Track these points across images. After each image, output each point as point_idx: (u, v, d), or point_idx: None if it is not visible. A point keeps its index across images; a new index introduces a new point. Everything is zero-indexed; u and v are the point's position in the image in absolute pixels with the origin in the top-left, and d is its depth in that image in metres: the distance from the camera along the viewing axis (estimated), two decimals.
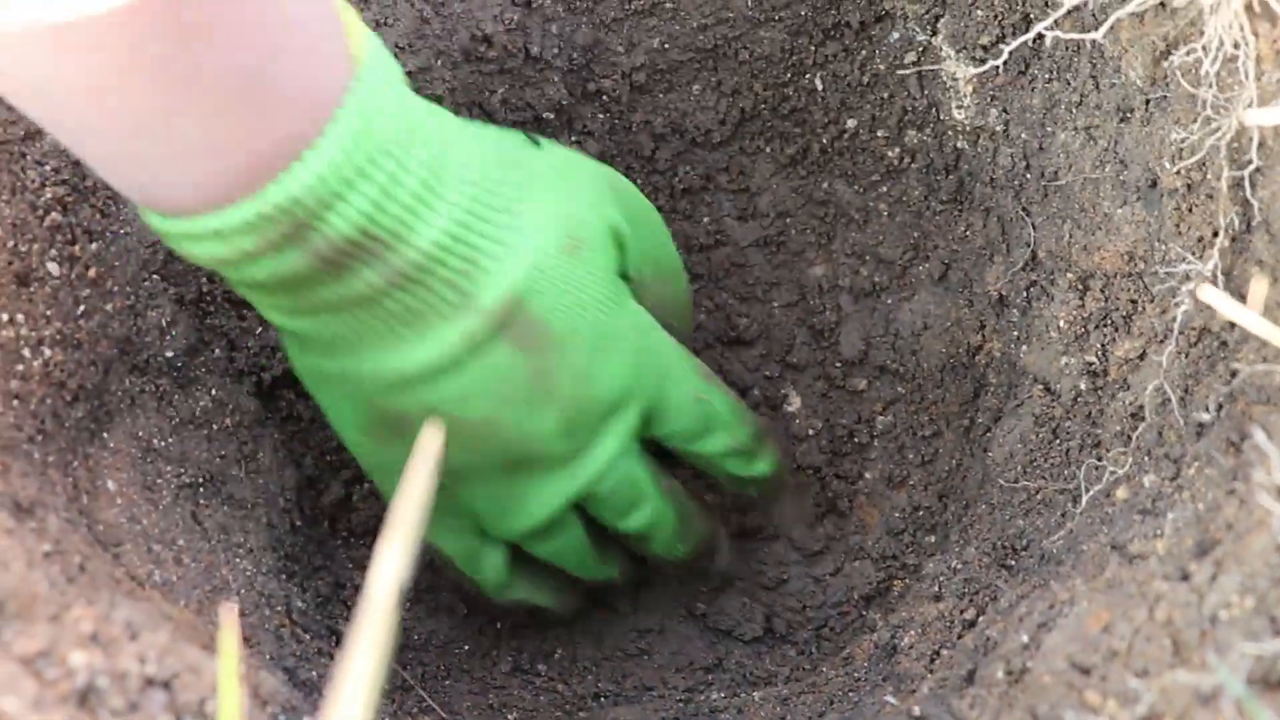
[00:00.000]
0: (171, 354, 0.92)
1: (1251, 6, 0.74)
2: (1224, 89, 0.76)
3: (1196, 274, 0.78)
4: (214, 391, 0.95)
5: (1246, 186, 0.75)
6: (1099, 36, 0.83)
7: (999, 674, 0.72)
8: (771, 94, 1.08)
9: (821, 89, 1.07)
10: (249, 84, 0.68)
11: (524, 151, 0.87)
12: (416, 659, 1.01)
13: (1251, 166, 0.74)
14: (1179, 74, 0.80)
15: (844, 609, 1.06)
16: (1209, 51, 0.76)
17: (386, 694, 0.95)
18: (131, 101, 0.67)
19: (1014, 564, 0.88)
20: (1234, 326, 0.75)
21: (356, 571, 1.03)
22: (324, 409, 0.90)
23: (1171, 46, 0.81)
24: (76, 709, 0.58)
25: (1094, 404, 0.89)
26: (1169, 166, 0.82)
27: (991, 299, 1.02)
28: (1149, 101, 0.84)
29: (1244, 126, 0.74)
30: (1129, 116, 0.86)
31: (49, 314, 0.83)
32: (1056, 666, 0.67)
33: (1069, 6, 0.86)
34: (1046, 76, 0.93)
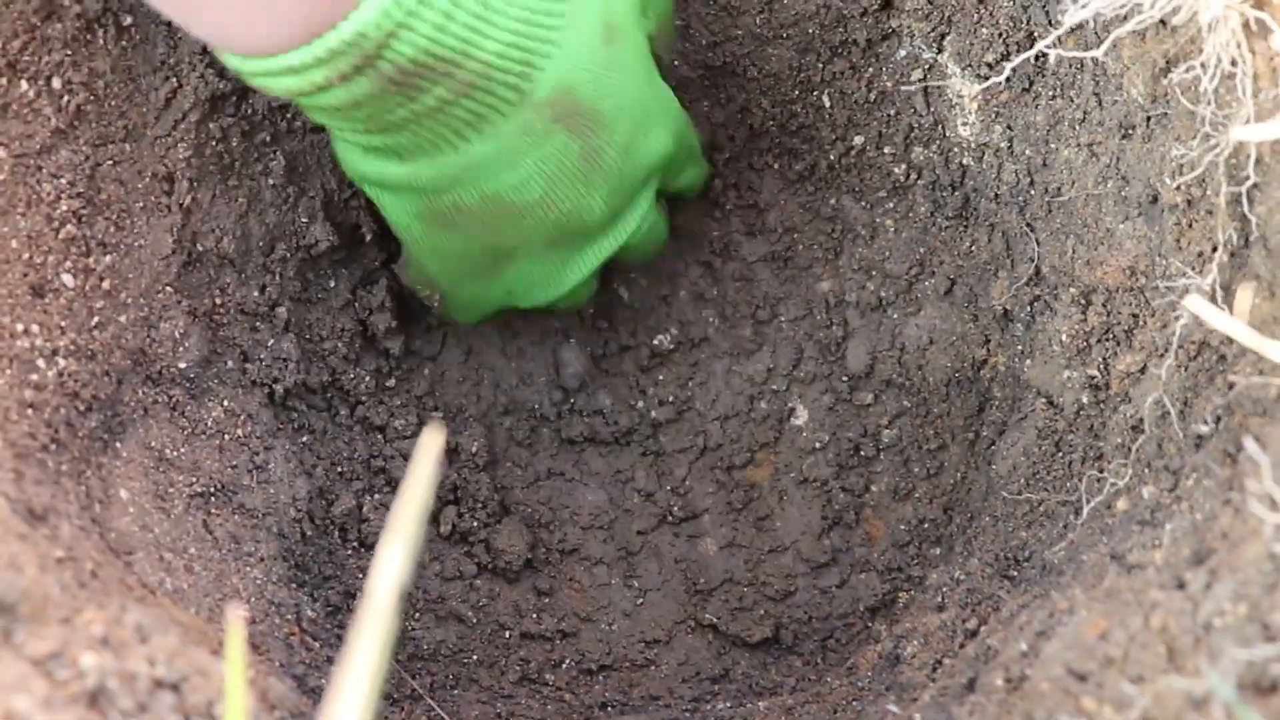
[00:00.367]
0: (184, 365, 0.93)
1: (1249, 25, 0.75)
2: (1222, 106, 0.77)
3: (1196, 288, 0.78)
4: (226, 402, 0.96)
5: (1244, 202, 0.76)
6: (1100, 54, 0.84)
7: (998, 681, 0.73)
8: (779, 111, 1.09)
9: (829, 106, 1.08)
10: None
11: None
12: (425, 668, 1.02)
13: (1249, 182, 0.75)
14: (1179, 91, 0.81)
15: (850, 620, 1.07)
16: (1208, 69, 0.77)
17: (395, 703, 0.96)
18: None
19: (1016, 574, 0.89)
20: (1233, 340, 0.76)
21: (366, 581, 1.04)
22: (382, 206, 0.98)
23: (1171, 64, 0.82)
24: (86, 709, 0.59)
25: (1096, 417, 0.90)
26: (1169, 182, 0.82)
27: (996, 313, 1.02)
28: (1150, 118, 0.85)
29: (1242, 143, 0.75)
30: (1131, 133, 0.87)
31: (63, 325, 0.84)
32: (1054, 673, 0.68)
33: (1071, 25, 0.87)
34: (1050, 94, 0.94)
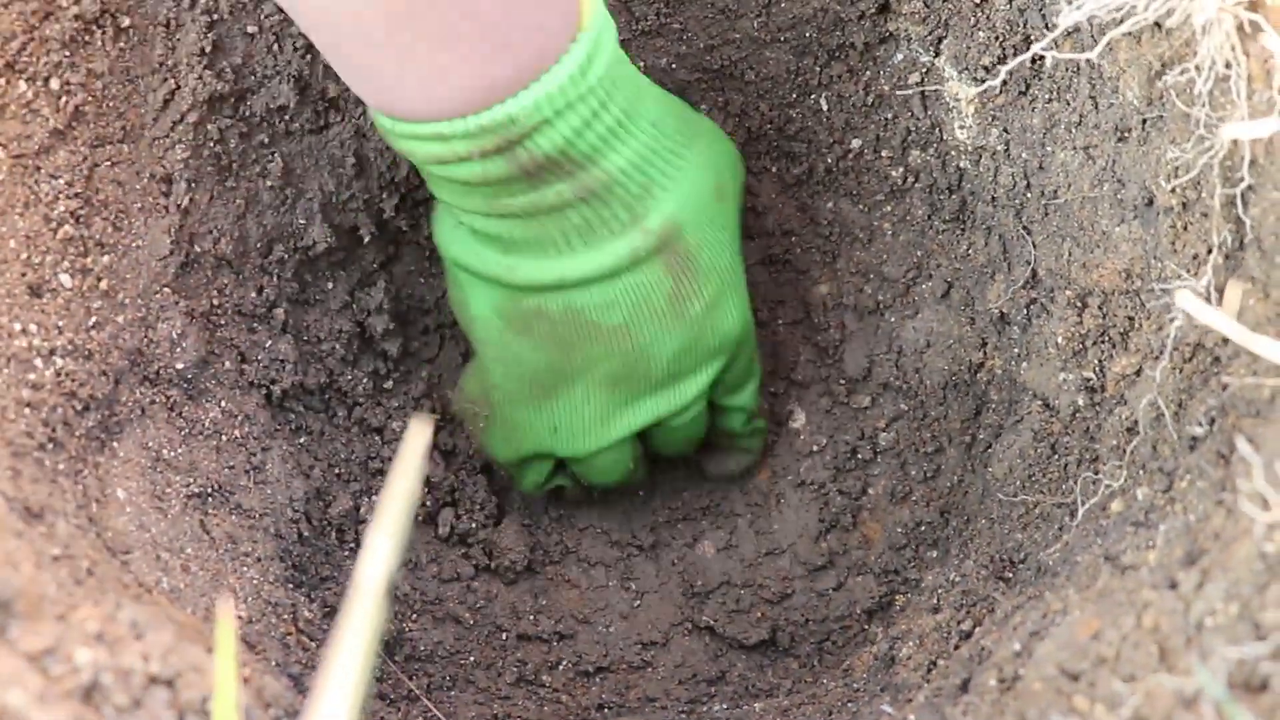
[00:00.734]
0: (182, 366, 0.93)
1: (1243, 27, 0.75)
2: (1217, 108, 0.77)
3: (1190, 289, 0.79)
4: (223, 403, 0.96)
5: (1239, 204, 0.76)
6: (1094, 56, 0.85)
7: (991, 681, 0.73)
8: (777, 114, 1.09)
9: (826, 109, 1.08)
10: (493, 25, 0.82)
11: (691, 112, 1.01)
12: (422, 669, 1.02)
13: (1244, 185, 0.75)
14: (1173, 94, 0.81)
15: (846, 622, 1.07)
16: (1202, 71, 0.77)
17: (391, 704, 0.96)
18: (384, 30, 0.81)
19: (1011, 576, 0.89)
20: (1227, 341, 0.76)
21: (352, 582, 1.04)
22: (464, 291, 1.00)
23: (1166, 66, 0.82)
24: (81, 704, 0.59)
25: (1091, 419, 0.90)
26: (1165, 185, 0.83)
27: (993, 316, 1.03)
28: (1145, 121, 0.85)
29: (1235, 145, 0.75)
30: (1126, 136, 0.87)
31: (61, 325, 0.84)
32: (1047, 673, 0.68)
33: (1067, 27, 0.87)
34: (1046, 97, 0.94)
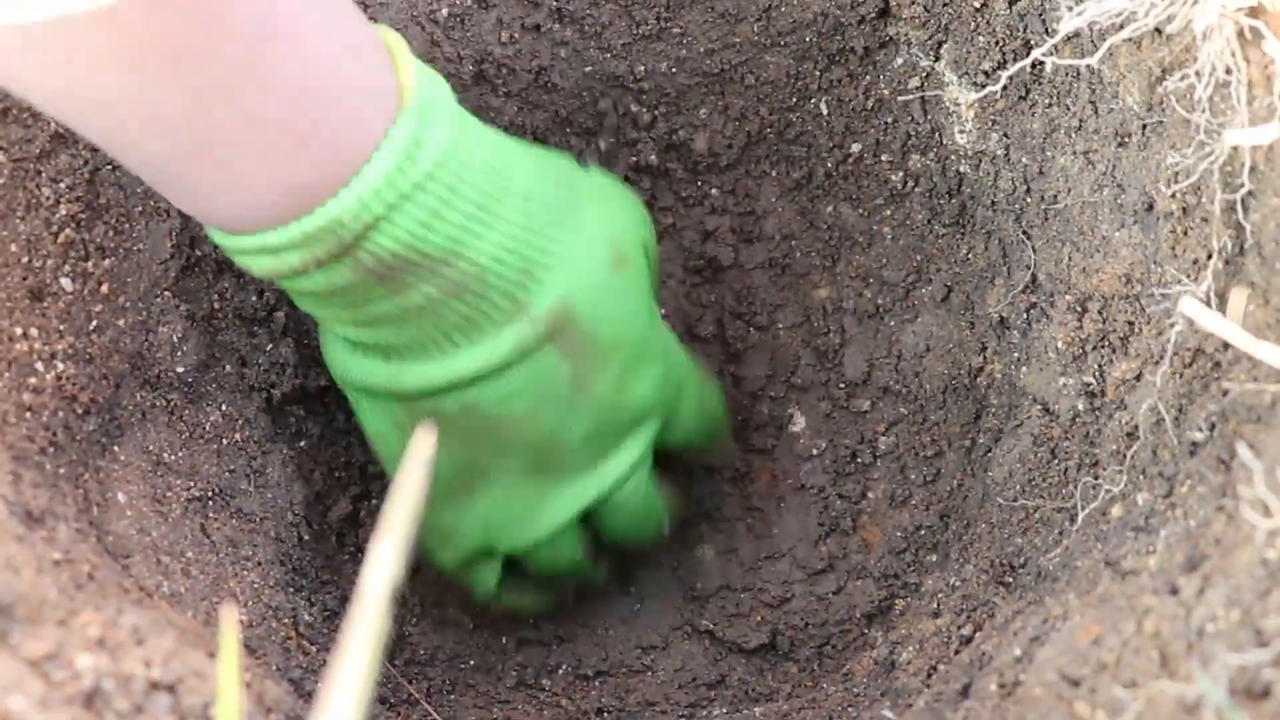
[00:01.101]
0: (182, 369, 0.93)
1: (1243, 33, 0.75)
2: (1217, 113, 0.77)
3: (1190, 295, 0.79)
4: (224, 407, 0.96)
5: (1239, 210, 0.76)
6: (1095, 62, 0.85)
7: (992, 687, 0.73)
8: (777, 118, 1.10)
9: (826, 113, 1.08)
10: (294, 123, 0.74)
11: (574, 172, 0.92)
12: (422, 673, 1.02)
13: (1244, 190, 0.75)
14: (1174, 99, 0.81)
15: (846, 627, 1.07)
16: (1202, 77, 0.77)
17: (391, 707, 0.96)
18: (181, 139, 0.73)
19: (1011, 581, 0.89)
20: (1227, 347, 0.76)
21: (358, 580, 1.04)
22: (363, 413, 0.93)
23: (1167, 72, 0.82)
24: (83, 710, 0.59)
25: (1091, 424, 0.90)
26: (1165, 190, 0.83)
27: (992, 321, 1.03)
28: (1145, 126, 0.85)
29: (1235, 150, 0.75)
30: (1126, 141, 0.87)
31: (62, 328, 0.84)
32: (1047, 679, 0.68)
33: (1067, 33, 0.87)
34: (1046, 102, 0.94)
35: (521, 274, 0.85)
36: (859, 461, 1.11)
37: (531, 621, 1.08)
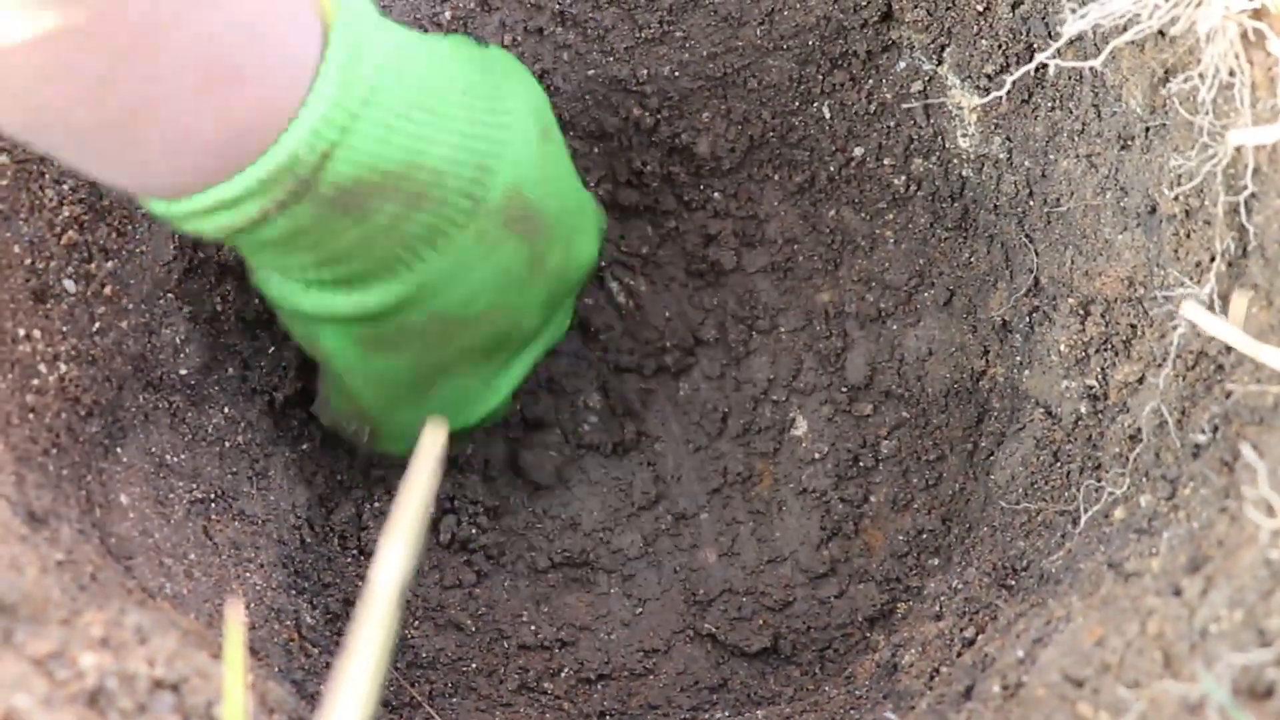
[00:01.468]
0: (185, 372, 0.93)
1: (1246, 35, 0.75)
2: (1220, 116, 0.77)
3: (1193, 298, 0.79)
4: (226, 409, 0.96)
5: (1242, 212, 0.76)
6: (1098, 64, 0.85)
7: (995, 689, 0.73)
8: (780, 122, 1.10)
9: (829, 117, 1.08)
10: (224, 61, 0.71)
11: (484, 52, 0.91)
12: (424, 676, 1.02)
13: (1247, 192, 0.75)
14: (1176, 101, 0.81)
15: (848, 630, 1.07)
16: (1206, 79, 0.77)
17: (394, 710, 0.96)
18: (111, 103, 0.70)
19: (1014, 584, 0.89)
20: (1230, 349, 0.76)
21: (366, 581, 1.04)
22: (309, 328, 0.91)
23: (1170, 74, 0.82)
24: (86, 708, 0.59)
25: (1094, 427, 0.90)
26: (1168, 193, 0.83)
27: (995, 324, 1.03)
28: (1148, 129, 0.85)
29: (1239, 153, 0.75)
30: (1129, 144, 0.88)
31: (65, 330, 0.84)
32: (1051, 680, 0.68)
33: (1070, 36, 0.87)
34: (1049, 105, 0.94)
35: (476, 169, 0.83)
36: (861, 465, 1.11)
37: (535, 627, 1.08)
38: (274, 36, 0.74)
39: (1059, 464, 0.92)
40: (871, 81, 1.06)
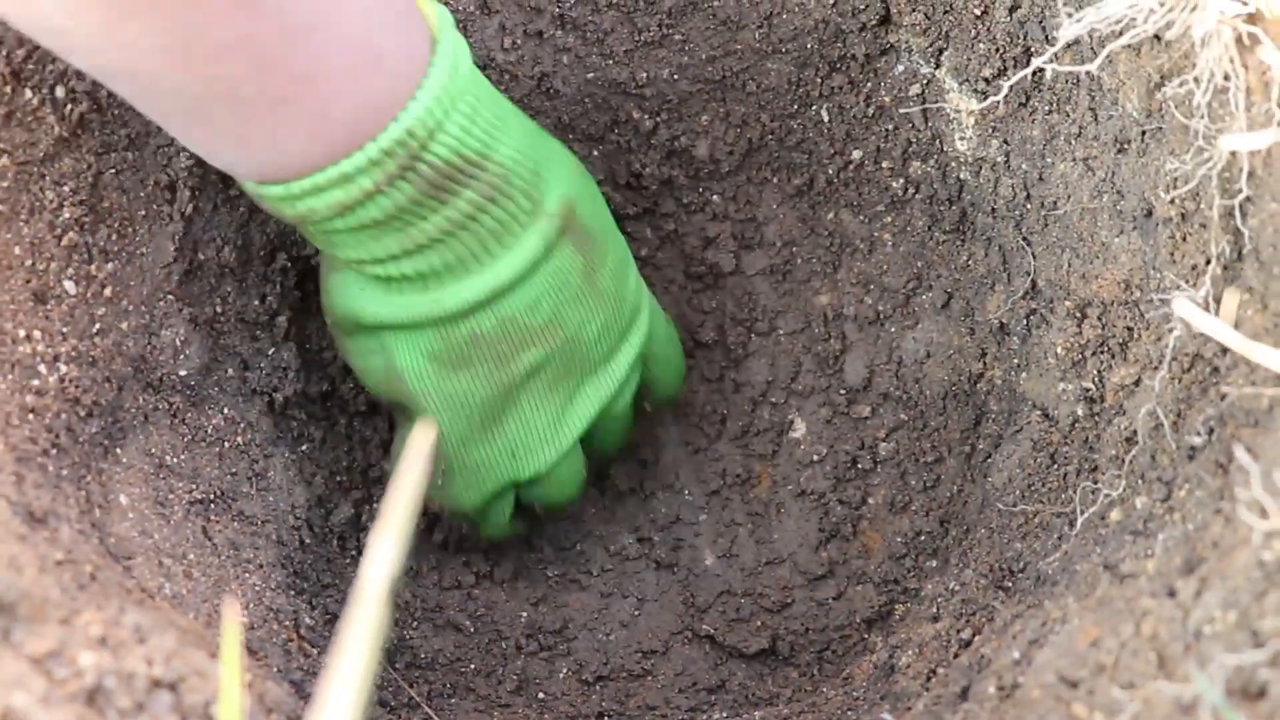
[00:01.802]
0: (185, 373, 0.93)
1: (1241, 39, 0.75)
2: (1215, 120, 0.77)
3: (1188, 299, 0.79)
4: (226, 410, 0.97)
5: (1237, 215, 0.76)
6: (1094, 68, 0.85)
7: (991, 689, 0.73)
8: (778, 125, 1.10)
9: (827, 120, 1.09)
10: (371, 54, 0.83)
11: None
12: (423, 677, 1.02)
13: (1242, 196, 0.76)
14: (1172, 105, 0.82)
15: (846, 632, 1.07)
16: (1201, 83, 0.77)
17: (392, 711, 0.96)
18: (280, 78, 0.80)
19: (1011, 585, 0.89)
20: (1225, 352, 0.76)
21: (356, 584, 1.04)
22: (384, 350, 0.96)
23: (1165, 78, 0.82)
24: (84, 707, 0.59)
25: (1090, 429, 0.90)
26: (1164, 196, 0.83)
27: (992, 327, 1.03)
28: (1145, 133, 0.86)
29: (1234, 156, 0.75)
30: (1126, 147, 0.88)
31: (65, 331, 0.85)
32: (1046, 680, 0.68)
33: (1067, 40, 0.87)
34: (1046, 109, 0.95)
35: (533, 174, 0.92)
36: (859, 467, 1.12)
37: (534, 628, 1.09)
38: (403, 33, 0.85)
39: (1056, 466, 0.92)
40: (870, 85, 1.06)
